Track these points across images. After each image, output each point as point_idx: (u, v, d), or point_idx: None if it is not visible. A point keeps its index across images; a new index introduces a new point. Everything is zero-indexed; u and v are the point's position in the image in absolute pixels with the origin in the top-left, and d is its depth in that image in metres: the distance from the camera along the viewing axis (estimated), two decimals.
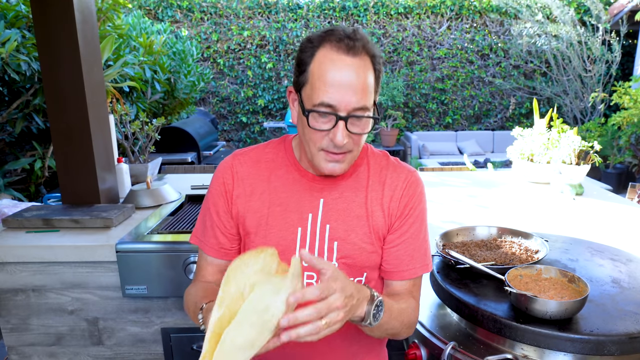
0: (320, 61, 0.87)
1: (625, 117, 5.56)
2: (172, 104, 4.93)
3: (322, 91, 0.86)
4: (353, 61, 0.86)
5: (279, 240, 0.99)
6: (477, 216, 2.14)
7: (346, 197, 1.01)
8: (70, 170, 2.12)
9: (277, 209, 1.00)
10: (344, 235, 0.99)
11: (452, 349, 1.06)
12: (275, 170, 1.03)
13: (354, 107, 0.87)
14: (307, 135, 0.92)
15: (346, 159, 0.94)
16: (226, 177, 1.04)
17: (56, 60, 2.01)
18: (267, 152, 1.06)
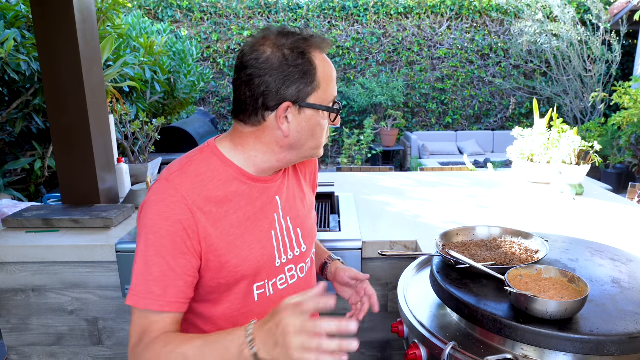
0: (322, 65, 0.94)
1: (625, 117, 5.56)
2: (172, 104, 4.93)
3: (333, 87, 0.97)
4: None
5: (261, 252, 0.98)
6: (477, 216, 2.14)
7: (289, 187, 1.09)
8: (70, 170, 2.12)
9: (247, 223, 0.97)
10: (300, 221, 1.08)
11: (452, 349, 1.06)
12: (224, 186, 0.95)
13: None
14: (319, 134, 0.98)
15: None
16: (181, 212, 0.88)
17: (56, 60, 2.01)
18: (202, 170, 0.95)
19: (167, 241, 0.87)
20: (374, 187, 2.67)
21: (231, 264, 0.94)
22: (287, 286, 1.05)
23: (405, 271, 1.49)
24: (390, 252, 1.39)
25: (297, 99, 0.91)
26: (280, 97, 0.90)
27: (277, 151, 0.97)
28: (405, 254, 1.46)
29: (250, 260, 0.96)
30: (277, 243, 1.02)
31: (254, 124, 0.94)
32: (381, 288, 1.89)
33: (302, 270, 1.09)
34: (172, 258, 0.87)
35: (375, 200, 2.37)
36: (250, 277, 0.98)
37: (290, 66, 0.89)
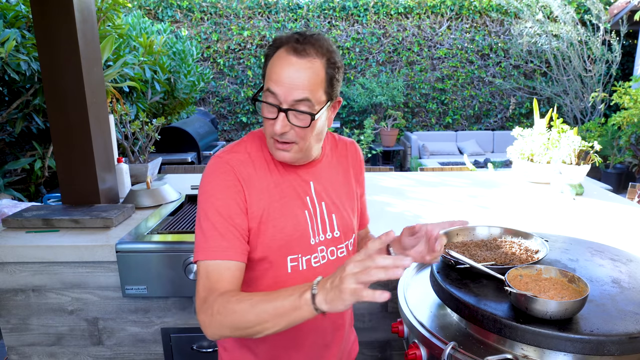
0: (273, 61, 0.99)
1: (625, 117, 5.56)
2: (172, 104, 4.93)
3: (270, 81, 0.98)
4: (298, 61, 0.97)
5: (295, 226, 1.09)
6: (477, 216, 2.14)
7: (327, 175, 1.17)
8: (70, 170, 2.12)
9: (284, 200, 1.08)
10: (336, 209, 1.16)
11: (452, 349, 1.06)
12: (262, 167, 1.08)
13: (294, 100, 0.97)
14: (264, 123, 1.05)
15: (292, 149, 1.04)
16: (232, 179, 1.04)
17: (56, 60, 2.01)
18: (248, 149, 1.10)
19: (225, 203, 1.01)
20: (374, 187, 2.67)
21: (269, 232, 1.05)
22: (319, 265, 1.12)
23: (405, 271, 1.49)
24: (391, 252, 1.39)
25: (257, 95, 1.03)
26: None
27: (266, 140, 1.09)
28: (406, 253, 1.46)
29: (285, 231, 1.07)
30: (311, 223, 1.11)
31: None
32: (381, 288, 1.89)
33: (332, 254, 1.15)
34: (231, 217, 1.01)
35: (375, 200, 2.37)
36: (284, 248, 1.07)
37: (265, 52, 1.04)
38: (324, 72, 0.99)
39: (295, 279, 1.09)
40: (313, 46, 0.98)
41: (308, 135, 1.03)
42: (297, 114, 0.98)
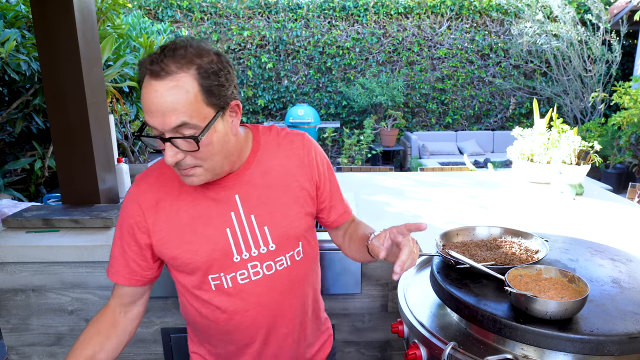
0: (142, 90, 0.89)
1: (626, 117, 5.56)
2: None
3: (146, 115, 0.89)
4: (160, 84, 0.85)
5: (213, 247, 1.03)
6: (477, 216, 2.14)
7: (259, 182, 1.06)
8: (70, 170, 2.12)
9: (198, 220, 1.03)
10: (271, 219, 1.06)
11: (452, 349, 1.06)
12: (174, 190, 1.04)
13: (172, 128, 0.87)
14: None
15: (197, 173, 0.95)
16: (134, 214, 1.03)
17: (56, 60, 2.01)
18: (164, 171, 1.06)
19: (124, 231, 1.05)
20: (374, 187, 2.67)
21: (183, 256, 1.03)
22: (249, 281, 1.07)
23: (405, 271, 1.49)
24: None
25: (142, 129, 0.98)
26: None
27: None
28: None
29: (200, 254, 1.03)
30: (234, 240, 1.04)
31: None
32: (381, 288, 1.89)
33: (269, 268, 1.07)
34: (127, 245, 1.06)
35: (375, 200, 2.37)
36: (202, 269, 1.05)
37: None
38: (196, 85, 0.86)
39: (221, 295, 1.07)
40: (173, 60, 0.86)
41: (207, 156, 0.92)
42: (182, 140, 0.88)
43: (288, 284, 1.11)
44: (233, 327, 1.09)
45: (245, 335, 1.11)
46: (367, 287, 1.89)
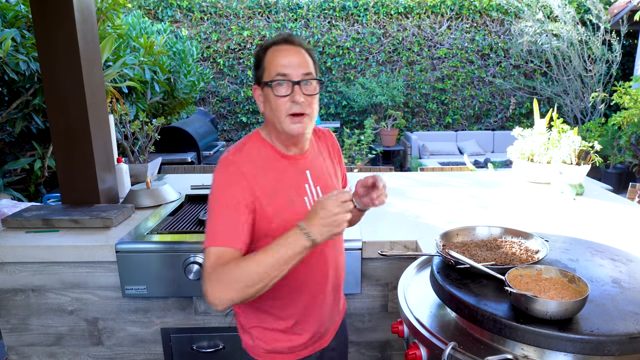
0: (270, 54, 1.21)
1: (626, 117, 5.55)
2: (172, 103, 4.93)
3: (276, 67, 1.19)
4: (292, 47, 1.21)
5: (295, 215, 1.20)
6: (477, 216, 2.14)
7: (317, 163, 1.35)
8: (70, 170, 2.12)
9: (284, 188, 1.23)
10: (327, 189, 1.32)
11: (452, 349, 1.05)
12: (266, 163, 1.23)
13: (302, 74, 1.19)
14: (274, 107, 1.20)
15: (304, 120, 1.22)
16: (238, 178, 1.18)
17: (56, 60, 2.01)
18: (251, 151, 1.24)
19: (233, 199, 1.15)
20: None
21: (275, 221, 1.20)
22: None
23: (405, 271, 1.49)
24: (390, 252, 1.39)
25: (257, 82, 1.24)
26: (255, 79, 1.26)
27: (268, 127, 1.27)
28: (405, 254, 1.46)
29: (291, 217, 1.20)
30: (310, 206, 1.26)
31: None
32: (381, 288, 1.89)
33: None
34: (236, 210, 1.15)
35: None
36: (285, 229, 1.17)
37: (254, 59, 1.26)
38: (309, 56, 1.23)
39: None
40: (298, 38, 1.24)
41: (314, 106, 1.23)
42: (307, 84, 1.20)
43: (339, 242, 1.39)
44: (310, 278, 1.29)
45: (316, 283, 1.31)
46: (367, 287, 1.89)
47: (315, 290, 1.31)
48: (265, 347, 1.31)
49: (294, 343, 1.32)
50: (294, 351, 1.33)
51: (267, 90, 1.21)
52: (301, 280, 1.28)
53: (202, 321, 1.91)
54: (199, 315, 1.90)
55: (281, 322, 1.30)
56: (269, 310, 1.30)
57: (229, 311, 1.89)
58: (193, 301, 1.89)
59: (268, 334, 1.31)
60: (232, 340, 1.94)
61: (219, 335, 1.93)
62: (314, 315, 1.33)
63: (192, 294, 1.85)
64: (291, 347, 1.32)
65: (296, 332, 1.31)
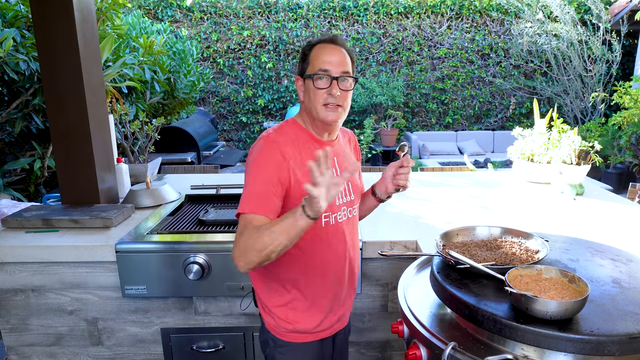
0: (315, 51, 1.36)
1: (626, 117, 5.55)
2: (172, 103, 4.92)
3: (319, 62, 1.33)
4: (335, 46, 1.36)
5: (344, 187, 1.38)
6: (477, 216, 2.13)
7: (342, 152, 1.49)
8: (70, 170, 2.12)
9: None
10: (351, 178, 1.45)
11: (452, 349, 1.05)
12: (301, 145, 1.35)
13: (341, 71, 1.33)
14: (313, 97, 1.33)
15: (338, 111, 1.36)
16: (279, 155, 1.29)
17: (56, 60, 2.01)
18: (289, 133, 1.36)
19: (270, 172, 1.26)
20: None
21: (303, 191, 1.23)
22: (343, 220, 1.43)
23: (405, 271, 1.49)
24: (390, 252, 1.39)
25: (300, 74, 1.38)
26: (297, 74, 1.39)
27: (305, 115, 1.39)
28: (405, 254, 1.46)
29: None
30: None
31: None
32: (381, 288, 1.89)
33: (350, 213, 1.47)
34: (272, 184, 1.26)
35: None
36: None
37: (300, 54, 1.39)
38: (349, 57, 1.37)
39: (327, 230, 1.38)
40: (340, 41, 1.37)
41: (348, 100, 1.38)
42: (344, 80, 1.34)
43: (356, 227, 1.53)
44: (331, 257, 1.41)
45: (339, 264, 1.42)
46: (367, 287, 1.89)
47: (337, 271, 1.43)
48: (288, 326, 1.40)
49: (315, 324, 1.41)
50: (315, 331, 1.42)
51: (308, 82, 1.34)
52: (325, 260, 1.40)
53: (202, 321, 1.91)
54: (199, 315, 1.90)
55: (305, 301, 1.39)
56: (293, 290, 1.39)
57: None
58: (193, 301, 1.89)
59: (290, 314, 1.39)
60: (232, 340, 1.94)
61: (219, 335, 1.93)
62: (334, 296, 1.44)
63: (192, 294, 1.85)
64: (313, 327, 1.41)
65: (318, 311, 1.41)
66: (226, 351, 1.94)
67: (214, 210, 2.20)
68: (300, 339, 1.42)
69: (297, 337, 1.41)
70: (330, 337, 1.48)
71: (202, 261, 1.77)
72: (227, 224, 2.03)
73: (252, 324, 1.92)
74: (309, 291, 1.39)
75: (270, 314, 1.42)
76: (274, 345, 1.43)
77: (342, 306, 1.49)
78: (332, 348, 1.52)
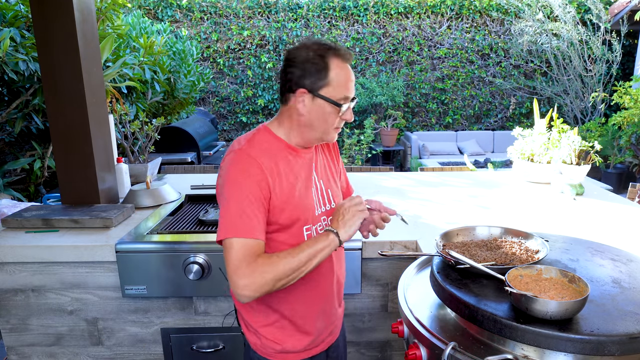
0: (337, 70, 1.21)
1: (626, 117, 5.55)
2: (172, 103, 4.92)
3: (346, 89, 1.22)
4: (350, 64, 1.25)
5: (307, 205, 1.29)
6: (477, 216, 2.13)
7: (321, 160, 1.40)
8: (70, 170, 2.12)
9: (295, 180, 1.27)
10: (330, 185, 1.40)
11: (452, 349, 1.05)
12: (277, 156, 1.25)
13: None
14: (327, 120, 1.24)
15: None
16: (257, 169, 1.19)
17: (56, 60, 2.01)
18: (262, 144, 1.25)
19: (251, 189, 1.16)
20: (374, 187, 2.67)
21: (289, 207, 1.24)
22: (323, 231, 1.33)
23: (405, 271, 1.49)
24: (390, 252, 1.39)
25: (311, 88, 1.20)
26: (299, 84, 1.20)
27: (297, 128, 1.27)
28: (405, 254, 1.46)
29: (300, 207, 1.26)
30: (315, 198, 1.33)
31: (284, 102, 1.26)
32: (381, 288, 1.89)
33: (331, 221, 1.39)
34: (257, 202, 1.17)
35: None
36: (301, 220, 1.27)
37: (310, 63, 1.19)
38: None
39: None
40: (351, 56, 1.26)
41: None
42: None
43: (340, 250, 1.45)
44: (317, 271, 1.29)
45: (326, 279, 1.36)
46: (367, 287, 1.89)
47: (324, 286, 1.37)
48: (275, 347, 1.32)
49: (306, 342, 1.34)
50: (306, 349, 1.35)
51: (324, 104, 1.22)
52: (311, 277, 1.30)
53: (202, 321, 1.91)
54: (198, 315, 1.90)
55: (293, 320, 1.32)
56: (280, 309, 1.31)
57: (229, 312, 1.88)
58: (193, 301, 1.89)
59: (278, 334, 1.32)
60: (232, 340, 1.94)
61: (219, 335, 1.93)
62: (323, 313, 1.37)
63: (192, 294, 1.85)
64: (303, 346, 1.34)
65: (308, 331, 1.34)
66: (226, 351, 1.94)
67: (214, 210, 2.20)
68: (291, 359, 1.33)
69: (287, 357, 1.33)
70: (323, 352, 1.41)
71: (202, 261, 1.77)
72: None
73: None
74: (296, 310, 1.31)
75: (256, 334, 1.33)
76: None
77: (333, 321, 1.42)
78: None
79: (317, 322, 1.36)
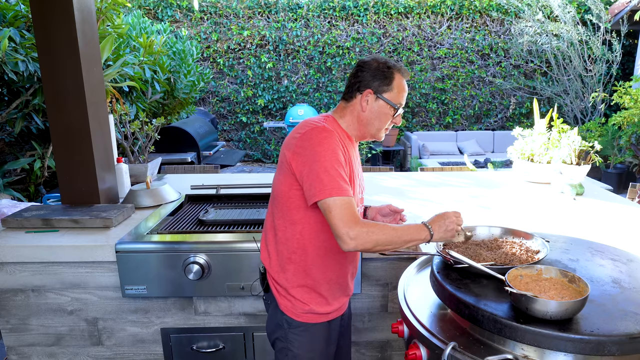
0: (399, 82, 1.46)
1: (626, 117, 5.55)
2: (172, 103, 4.92)
3: (402, 97, 1.48)
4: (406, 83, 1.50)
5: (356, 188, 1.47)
6: (477, 216, 2.13)
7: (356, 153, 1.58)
8: (70, 170, 2.12)
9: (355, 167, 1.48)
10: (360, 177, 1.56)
11: (452, 349, 1.05)
12: (343, 140, 1.44)
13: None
14: (382, 120, 1.47)
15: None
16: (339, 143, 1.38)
17: (56, 60, 2.01)
18: (335, 128, 1.44)
19: (339, 158, 1.34)
20: (374, 187, 2.67)
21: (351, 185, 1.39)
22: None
23: (405, 271, 1.49)
24: (390, 252, 1.39)
25: (376, 90, 1.44)
26: (367, 85, 1.44)
27: (357, 122, 1.48)
28: (405, 253, 1.46)
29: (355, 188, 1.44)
30: (359, 185, 1.52)
31: (348, 100, 1.47)
32: (381, 288, 1.89)
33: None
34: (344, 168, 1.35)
35: (375, 200, 2.36)
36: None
37: (380, 71, 1.44)
38: None
39: None
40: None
41: None
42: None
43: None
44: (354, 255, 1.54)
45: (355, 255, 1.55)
46: (367, 287, 1.89)
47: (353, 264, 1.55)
48: (304, 307, 1.45)
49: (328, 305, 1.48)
50: (328, 312, 1.48)
51: (384, 106, 1.44)
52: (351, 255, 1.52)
53: (202, 321, 1.91)
54: (198, 315, 1.90)
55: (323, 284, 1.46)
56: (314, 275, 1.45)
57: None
58: (193, 301, 1.89)
59: (308, 295, 1.45)
60: (232, 340, 1.94)
61: (219, 335, 1.93)
62: (351, 275, 1.56)
63: (192, 294, 1.85)
64: (332, 309, 1.49)
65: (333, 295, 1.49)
66: (226, 351, 1.94)
67: (214, 210, 2.20)
68: (315, 320, 1.46)
69: (312, 317, 1.46)
70: (337, 318, 1.53)
71: (202, 261, 1.77)
72: (227, 224, 2.03)
73: (252, 323, 1.92)
74: (326, 275, 1.45)
75: (287, 296, 1.45)
76: (288, 327, 1.46)
77: (348, 293, 1.57)
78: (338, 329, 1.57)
79: (347, 284, 1.53)
